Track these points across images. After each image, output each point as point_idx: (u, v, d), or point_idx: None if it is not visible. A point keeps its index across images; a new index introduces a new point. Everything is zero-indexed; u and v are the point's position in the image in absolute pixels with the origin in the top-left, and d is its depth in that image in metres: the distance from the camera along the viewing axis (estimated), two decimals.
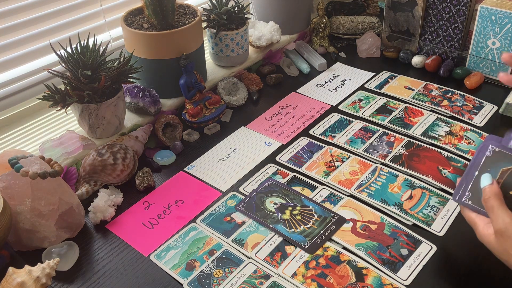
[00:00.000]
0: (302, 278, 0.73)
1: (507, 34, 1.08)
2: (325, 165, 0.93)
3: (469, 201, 0.68)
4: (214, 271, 0.74)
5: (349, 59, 1.28)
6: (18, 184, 0.75)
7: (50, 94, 0.89)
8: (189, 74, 1.02)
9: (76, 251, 0.78)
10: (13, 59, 0.97)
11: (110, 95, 0.92)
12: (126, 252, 0.78)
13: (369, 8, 1.38)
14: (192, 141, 1.02)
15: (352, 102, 1.11)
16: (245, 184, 0.90)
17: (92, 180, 0.87)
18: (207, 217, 0.84)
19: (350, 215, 0.82)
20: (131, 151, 0.91)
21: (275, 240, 0.79)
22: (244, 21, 1.15)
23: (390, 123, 1.03)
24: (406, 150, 0.95)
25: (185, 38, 1.02)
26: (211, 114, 1.05)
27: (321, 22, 1.29)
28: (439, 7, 1.16)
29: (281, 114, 1.09)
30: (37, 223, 0.75)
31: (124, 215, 0.85)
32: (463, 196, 0.69)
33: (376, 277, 0.72)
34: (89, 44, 0.89)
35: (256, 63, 1.23)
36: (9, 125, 1.00)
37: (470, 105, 1.07)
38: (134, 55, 1.00)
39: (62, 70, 0.90)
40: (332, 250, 0.77)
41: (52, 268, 0.67)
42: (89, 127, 0.94)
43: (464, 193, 0.69)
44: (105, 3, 1.10)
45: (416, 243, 0.77)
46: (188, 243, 0.79)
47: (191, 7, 1.10)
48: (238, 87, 1.14)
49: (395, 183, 0.88)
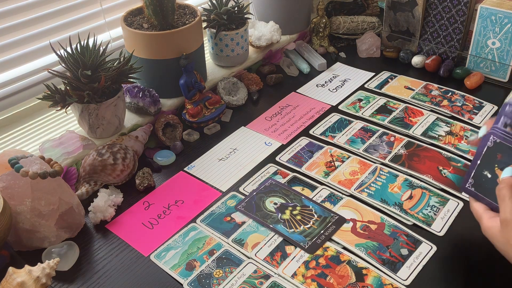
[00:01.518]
0: (302, 278, 0.73)
1: (507, 34, 1.08)
2: (325, 165, 0.93)
3: (472, 188, 0.70)
4: (214, 271, 0.74)
5: (349, 59, 1.28)
6: (18, 184, 0.75)
7: (50, 94, 0.89)
8: (189, 74, 1.02)
9: (76, 251, 0.78)
10: (13, 59, 0.97)
11: (110, 95, 0.92)
12: (126, 252, 0.78)
13: (369, 8, 1.38)
14: (192, 141, 1.02)
15: (352, 102, 1.11)
16: (245, 184, 0.90)
17: (92, 180, 0.87)
18: (207, 217, 0.84)
19: (350, 215, 0.82)
20: (131, 151, 0.91)
21: (275, 240, 0.79)
22: (244, 21, 1.15)
23: (390, 123, 1.03)
24: (406, 150, 0.95)
25: (185, 38, 1.02)
26: (211, 114, 1.05)
27: (321, 22, 1.29)
28: (439, 7, 1.16)
29: (281, 114, 1.09)
30: (37, 223, 0.75)
31: (124, 215, 0.85)
32: (467, 182, 0.71)
33: (376, 277, 0.72)
34: (89, 44, 0.89)
35: (256, 63, 1.23)
36: (9, 125, 1.00)
37: (470, 105, 1.07)
38: (134, 55, 1.00)
39: (62, 70, 0.90)
40: (332, 250, 0.77)
41: (52, 268, 0.67)
42: (89, 127, 0.94)
43: (467, 179, 0.71)
44: (105, 3, 1.10)
45: (416, 243, 0.77)
46: (188, 243, 0.79)
47: (191, 7, 1.10)
48: (238, 87, 1.14)
49: (395, 183, 0.88)
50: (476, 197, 0.70)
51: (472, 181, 0.70)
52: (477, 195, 0.70)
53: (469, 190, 0.71)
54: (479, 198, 0.69)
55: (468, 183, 0.71)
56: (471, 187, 0.70)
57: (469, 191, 0.71)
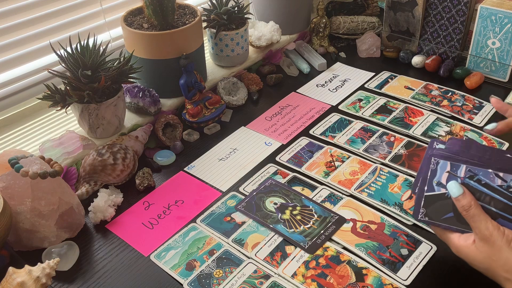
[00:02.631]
0: (302, 278, 0.73)
1: (507, 34, 1.08)
2: (325, 165, 0.93)
3: (425, 218, 0.68)
4: (214, 271, 0.74)
5: (349, 59, 1.28)
6: (18, 184, 0.75)
7: (50, 94, 0.89)
8: (189, 74, 1.02)
9: (76, 251, 0.78)
10: (13, 59, 0.97)
11: (110, 95, 0.92)
12: (126, 252, 0.78)
13: (369, 8, 1.38)
14: (192, 141, 1.02)
15: (352, 102, 1.11)
16: (245, 184, 0.90)
17: (92, 180, 0.87)
18: (207, 217, 0.84)
19: (350, 215, 0.82)
20: (131, 151, 0.91)
21: (275, 240, 0.79)
22: (244, 21, 1.15)
23: (390, 123, 1.03)
24: (406, 150, 0.95)
25: (185, 38, 1.02)
26: (211, 114, 1.05)
27: (321, 22, 1.29)
28: (439, 7, 1.16)
29: (281, 114, 1.09)
30: (37, 223, 0.75)
31: (124, 215, 0.85)
32: (418, 213, 0.68)
33: (376, 277, 0.72)
34: (89, 44, 0.89)
35: (256, 63, 1.23)
36: (9, 125, 1.00)
37: (470, 105, 1.07)
38: (134, 55, 1.00)
39: (62, 70, 0.90)
40: (332, 250, 0.77)
41: (52, 268, 0.67)
42: (89, 127, 0.94)
43: (418, 209, 0.68)
44: (105, 3, 1.10)
45: (416, 243, 0.77)
46: (188, 243, 0.79)
47: (191, 7, 1.10)
48: (238, 87, 1.14)
49: (395, 183, 0.88)
50: (433, 225, 0.68)
51: (424, 210, 0.68)
52: (433, 223, 0.68)
53: (423, 221, 0.69)
54: (436, 225, 0.68)
55: (420, 214, 0.68)
56: (424, 216, 0.68)
57: (424, 221, 0.69)
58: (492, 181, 0.64)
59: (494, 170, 0.64)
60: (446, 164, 0.66)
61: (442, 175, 0.66)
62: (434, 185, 0.67)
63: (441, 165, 0.66)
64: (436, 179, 0.66)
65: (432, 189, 0.67)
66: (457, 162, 0.65)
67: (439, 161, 0.66)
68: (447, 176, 0.66)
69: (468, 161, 0.65)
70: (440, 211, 0.67)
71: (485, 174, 0.64)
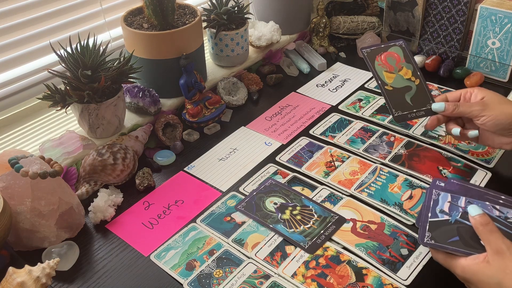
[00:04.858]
0: (302, 278, 0.73)
1: (507, 34, 1.08)
2: (325, 165, 0.93)
3: (431, 240, 0.69)
4: (214, 271, 0.74)
5: (349, 59, 1.28)
6: (18, 184, 0.75)
7: (50, 94, 0.89)
8: (189, 74, 1.02)
9: (76, 251, 0.78)
10: (13, 59, 0.97)
11: (110, 95, 0.92)
12: (126, 252, 0.78)
13: (369, 8, 1.38)
14: (192, 141, 1.02)
15: (352, 102, 1.11)
16: (245, 184, 0.90)
17: (92, 180, 0.87)
18: (207, 217, 0.84)
19: (350, 215, 0.82)
20: (131, 151, 0.91)
21: (275, 240, 0.79)
22: (244, 21, 1.15)
23: (390, 123, 1.03)
24: (406, 150, 0.95)
25: (185, 38, 1.02)
26: (211, 114, 1.05)
27: (321, 22, 1.29)
28: (439, 7, 1.16)
29: (281, 114, 1.09)
30: (37, 223, 0.75)
31: (124, 215, 0.85)
32: (424, 237, 0.70)
33: (376, 277, 0.72)
34: (89, 44, 0.89)
35: (256, 63, 1.23)
36: (9, 125, 1.00)
37: None
38: (134, 55, 1.00)
39: (62, 70, 0.90)
40: (332, 250, 0.77)
41: (52, 268, 0.67)
42: (89, 127, 0.94)
43: (424, 233, 0.70)
44: (105, 3, 1.10)
45: (416, 243, 0.77)
46: (188, 243, 0.79)
47: (191, 7, 1.10)
48: (238, 87, 1.14)
49: (395, 183, 0.88)
50: (439, 248, 0.69)
51: (429, 234, 0.70)
52: (440, 246, 0.69)
53: (430, 244, 0.69)
54: (443, 249, 0.69)
55: (426, 237, 0.70)
56: (431, 240, 0.69)
57: (430, 244, 0.69)
58: (490, 212, 0.70)
59: (492, 204, 0.72)
60: (447, 196, 0.73)
61: (444, 204, 0.73)
62: (437, 212, 0.72)
63: (442, 196, 0.74)
64: (438, 208, 0.73)
65: (436, 216, 0.72)
66: (457, 195, 0.73)
67: (440, 193, 0.74)
68: (449, 206, 0.72)
69: (467, 196, 0.73)
70: (445, 235, 0.69)
71: (483, 206, 0.71)
